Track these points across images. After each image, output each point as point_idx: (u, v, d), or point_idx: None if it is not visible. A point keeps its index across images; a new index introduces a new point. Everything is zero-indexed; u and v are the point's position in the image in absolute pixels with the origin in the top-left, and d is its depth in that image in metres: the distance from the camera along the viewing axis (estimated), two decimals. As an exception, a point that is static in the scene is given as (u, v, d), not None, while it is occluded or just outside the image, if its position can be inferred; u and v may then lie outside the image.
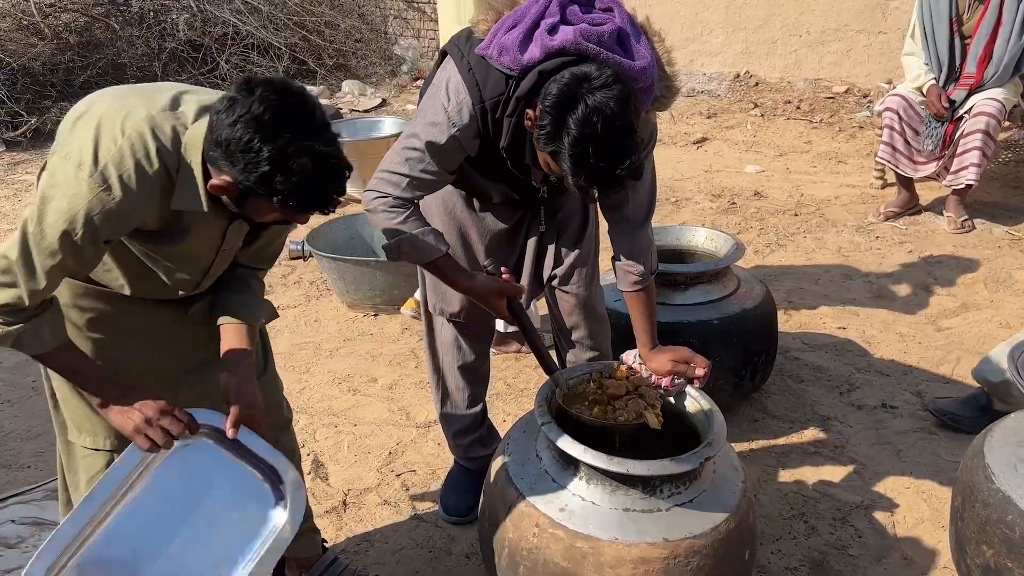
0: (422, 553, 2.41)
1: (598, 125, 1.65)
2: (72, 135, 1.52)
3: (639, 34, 1.86)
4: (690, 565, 1.78)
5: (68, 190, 1.46)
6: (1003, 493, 1.92)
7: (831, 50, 7.42)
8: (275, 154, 1.38)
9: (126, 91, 1.60)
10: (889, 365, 3.34)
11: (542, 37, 1.78)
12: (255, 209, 1.51)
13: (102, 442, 1.79)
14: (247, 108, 1.38)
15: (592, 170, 1.70)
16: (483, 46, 1.87)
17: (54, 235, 1.46)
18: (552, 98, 1.70)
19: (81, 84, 7.18)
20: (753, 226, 4.92)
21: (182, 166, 1.50)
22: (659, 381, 2.11)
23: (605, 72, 1.69)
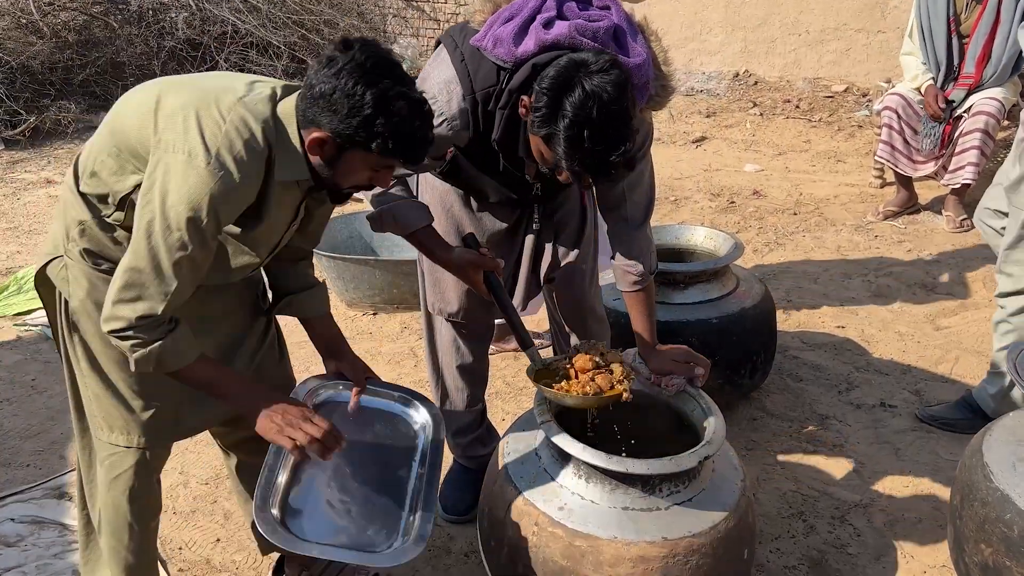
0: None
1: (594, 109, 1.64)
2: (165, 127, 1.52)
3: (636, 32, 1.86)
4: (689, 564, 1.78)
5: (186, 181, 1.48)
6: (1002, 492, 1.93)
7: (830, 49, 7.42)
8: (378, 97, 1.46)
9: (188, 80, 1.64)
10: (888, 364, 3.34)
11: (537, 31, 1.78)
12: (348, 165, 1.56)
13: (136, 440, 1.80)
14: (350, 59, 1.47)
15: (586, 154, 1.68)
16: (478, 37, 1.86)
17: (181, 227, 1.49)
18: (549, 80, 1.68)
19: (80, 83, 7.17)
20: (752, 225, 4.92)
21: (280, 139, 1.56)
22: (658, 381, 2.11)
23: (603, 58, 1.68)
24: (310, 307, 1.95)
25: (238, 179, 1.51)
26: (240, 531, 2.51)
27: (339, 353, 1.96)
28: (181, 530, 2.51)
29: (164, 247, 1.50)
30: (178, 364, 1.61)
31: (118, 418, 1.77)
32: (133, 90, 1.67)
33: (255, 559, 2.40)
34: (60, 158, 6.30)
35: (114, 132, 1.60)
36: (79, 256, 1.67)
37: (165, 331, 1.58)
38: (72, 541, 2.45)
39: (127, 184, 1.60)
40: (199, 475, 2.77)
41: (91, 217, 1.65)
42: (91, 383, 1.76)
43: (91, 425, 1.82)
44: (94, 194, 1.64)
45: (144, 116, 1.56)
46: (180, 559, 2.40)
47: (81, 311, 1.71)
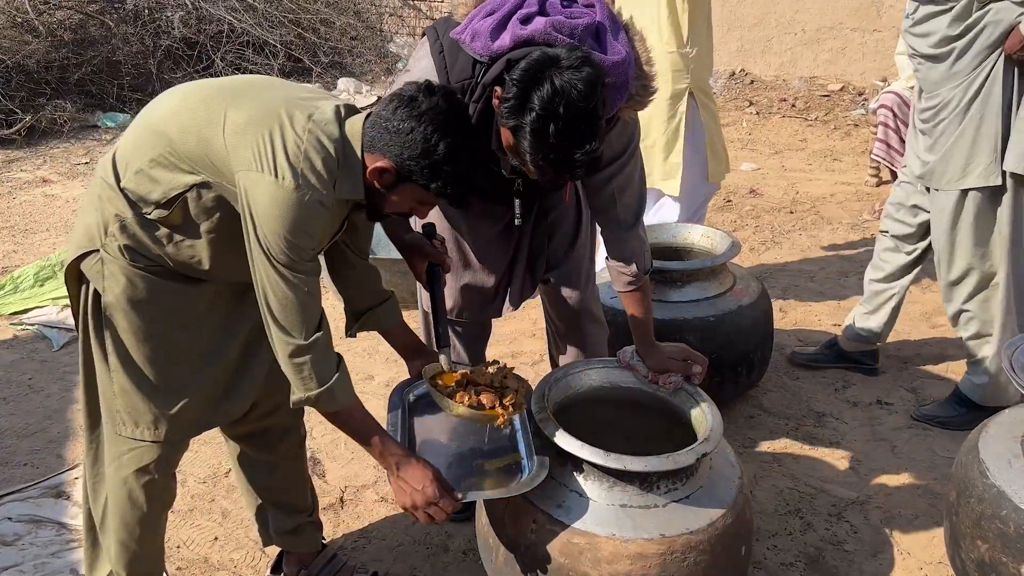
0: (419, 550, 2.41)
1: (561, 105, 1.62)
2: (238, 143, 1.57)
3: (618, 30, 1.84)
4: (687, 561, 1.79)
5: (275, 203, 1.54)
6: (998, 488, 1.93)
7: (826, 48, 7.44)
8: (450, 146, 1.57)
9: (244, 88, 1.67)
10: (884, 362, 3.35)
11: (514, 26, 1.77)
12: (400, 195, 1.65)
13: (162, 434, 1.82)
14: (433, 104, 1.58)
15: (551, 150, 1.67)
16: (458, 30, 1.86)
17: (283, 250, 1.57)
18: (520, 72, 1.67)
19: (76, 82, 7.16)
20: (749, 224, 4.93)
21: (346, 159, 1.62)
22: (656, 379, 2.11)
23: (575, 54, 1.66)
24: (389, 318, 2.03)
25: (321, 195, 1.58)
26: (238, 529, 2.51)
27: (422, 351, 2.08)
28: (179, 529, 2.51)
29: (277, 268, 1.59)
30: (347, 399, 1.72)
31: (146, 413, 1.79)
32: (179, 94, 1.70)
33: (253, 557, 2.40)
34: (56, 157, 6.29)
35: (165, 135, 1.62)
36: (118, 251, 1.69)
37: (337, 361, 1.70)
38: (70, 540, 2.45)
39: (178, 184, 1.63)
40: (197, 474, 2.77)
41: (132, 214, 1.67)
42: (119, 378, 1.77)
43: (110, 421, 1.82)
44: (137, 191, 1.66)
45: (208, 125, 1.60)
46: (178, 557, 2.40)
47: (116, 307, 1.72)
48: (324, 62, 8.36)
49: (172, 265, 1.72)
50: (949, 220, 2.75)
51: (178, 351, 1.80)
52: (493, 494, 1.87)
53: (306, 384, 1.65)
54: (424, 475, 1.73)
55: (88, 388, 1.87)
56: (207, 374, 1.83)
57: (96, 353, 1.78)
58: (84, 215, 1.74)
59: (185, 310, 1.78)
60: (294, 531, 2.19)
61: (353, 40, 8.83)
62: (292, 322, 1.62)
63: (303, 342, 1.63)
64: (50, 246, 4.70)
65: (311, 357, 1.64)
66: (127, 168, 1.66)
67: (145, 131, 1.66)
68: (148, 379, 1.78)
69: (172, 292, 1.75)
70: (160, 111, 1.67)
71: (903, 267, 3.05)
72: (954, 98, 2.65)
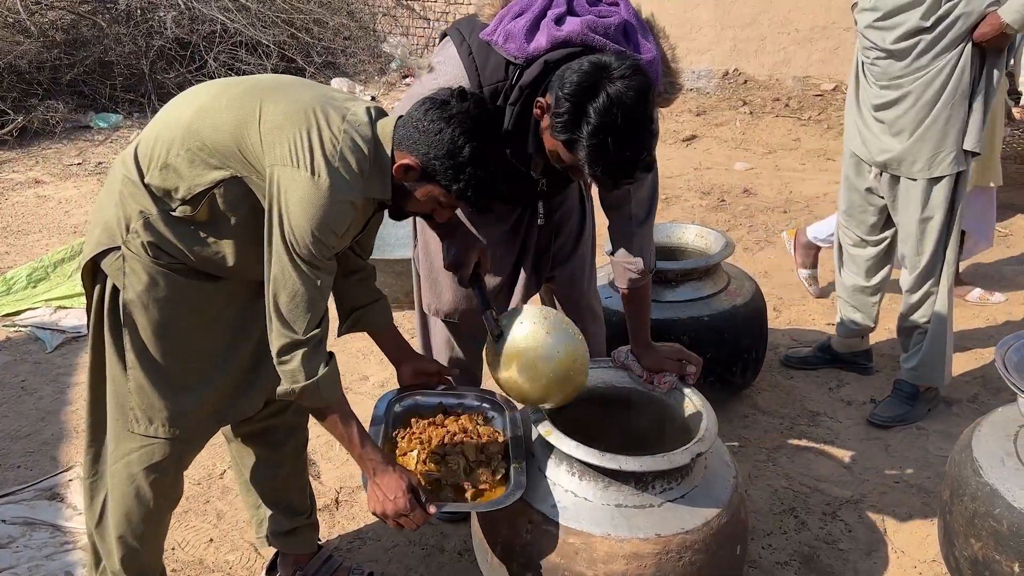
0: (415, 550, 2.41)
1: (619, 115, 1.64)
2: (274, 140, 1.59)
3: (645, 29, 1.86)
4: (682, 560, 1.79)
5: (309, 199, 1.57)
6: (991, 487, 1.94)
7: (819, 47, 7.45)
8: (476, 150, 1.61)
9: (275, 86, 1.69)
10: (878, 360, 3.36)
11: (549, 27, 1.78)
12: (422, 194, 1.67)
13: (176, 431, 1.82)
14: (464, 109, 1.62)
15: (611, 161, 1.68)
16: (488, 31, 1.86)
17: (308, 245, 1.59)
18: (572, 86, 1.67)
19: (68, 82, 7.13)
20: (742, 223, 4.94)
21: (377, 160, 1.66)
22: (651, 378, 2.12)
23: (626, 63, 1.67)
24: (378, 319, 2.03)
25: (353, 195, 1.62)
26: (233, 531, 2.51)
27: (411, 356, 2.10)
28: (173, 530, 2.50)
29: (296, 262, 1.60)
30: (333, 395, 1.71)
31: (162, 410, 1.79)
32: (210, 91, 1.71)
33: (248, 558, 2.40)
34: (48, 158, 6.27)
35: (196, 130, 1.63)
36: (140, 248, 1.69)
37: (328, 357, 1.70)
38: (65, 542, 2.45)
39: (206, 179, 1.64)
40: (191, 475, 2.76)
41: (157, 210, 1.68)
42: (136, 376, 1.77)
43: (121, 418, 1.82)
44: (162, 187, 1.66)
45: (244, 121, 1.62)
46: (173, 560, 2.39)
47: (136, 304, 1.72)
48: (317, 62, 8.35)
49: (195, 262, 1.73)
50: (919, 207, 2.79)
51: (195, 349, 1.81)
52: (464, 507, 1.90)
53: (294, 376, 1.66)
54: (399, 486, 1.72)
55: (94, 385, 1.86)
56: (223, 372, 1.85)
57: (110, 350, 1.78)
58: (103, 212, 1.75)
59: (204, 308, 1.79)
60: (291, 533, 2.19)
61: (346, 40, 8.82)
62: (296, 317, 1.63)
63: (301, 337, 1.64)
64: (43, 247, 4.69)
65: (304, 351, 1.65)
66: (151, 164, 1.67)
67: (171, 127, 1.67)
68: (165, 376, 1.79)
69: (192, 290, 1.76)
70: (189, 107, 1.68)
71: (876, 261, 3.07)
72: (915, 90, 2.69)
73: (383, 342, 2.07)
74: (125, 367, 1.78)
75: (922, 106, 2.70)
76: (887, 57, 2.73)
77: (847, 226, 3.08)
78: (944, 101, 2.66)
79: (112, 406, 1.83)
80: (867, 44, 2.79)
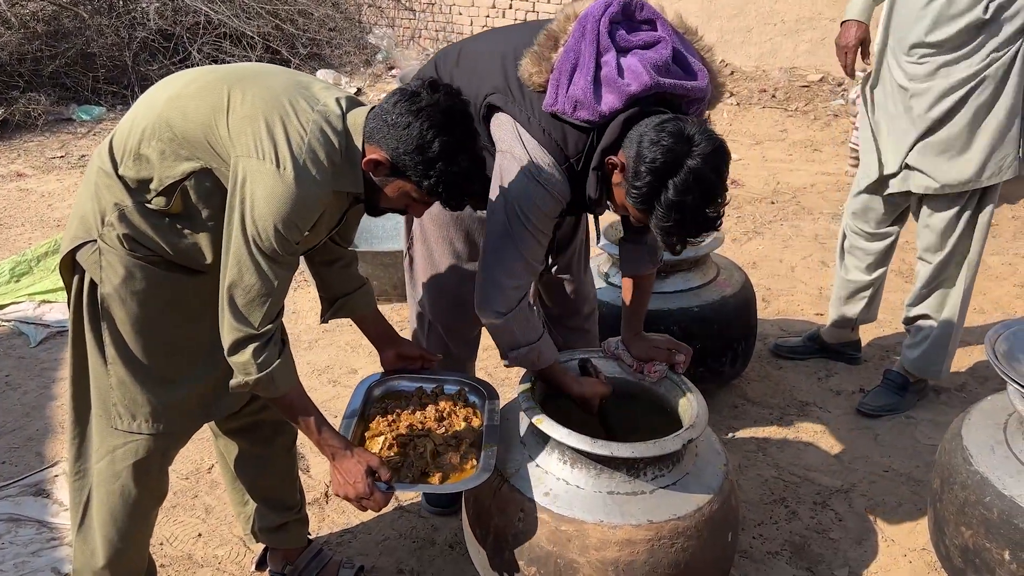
0: (405, 543, 2.40)
1: (698, 193, 1.62)
2: (241, 130, 1.56)
3: (686, 42, 1.84)
4: (674, 546, 1.79)
5: (274, 191, 1.53)
6: (981, 475, 1.95)
7: (805, 39, 7.47)
8: (446, 145, 1.55)
9: (249, 75, 1.65)
10: (866, 350, 3.37)
11: (616, 82, 1.72)
12: (393, 189, 1.64)
13: (160, 427, 1.80)
14: (434, 101, 1.56)
15: (684, 233, 1.68)
16: (550, 103, 1.79)
17: (270, 238, 1.55)
18: (653, 162, 1.63)
19: (50, 74, 7.05)
20: (730, 214, 4.94)
21: (348, 152, 1.62)
22: (641, 368, 2.12)
23: (707, 137, 1.64)
24: (362, 305, 2.02)
25: (320, 189, 1.58)
26: (222, 525, 2.49)
27: (395, 340, 2.10)
28: (161, 526, 2.48)
29: (255, 256, 1.57)
30: (288, 385, 1.69)
31: (144, 405, 1.77)
32: (183, 80, 1.68)
33: (237, 553, 2.38)
34: (30, 151, 6.20)
35: (166, 120, 1.60)
36: (116, 241, 1.66)
37: (280, 349, 1.67)
38: (51, 538, 2.42)
39: (177, 171, 1.60)
40: (179, 470, 2.74)
41: (132, 202, 1.65)
42: (117, 371, 1.75)
43: (104, 415, 1.79)
44: (136, 178, 1.63)
45: (212, 111, 1.58)
46: (161, 555, 2.37)
47: (114, 298, 1.69)
48: (302, 54, 8.29)
49: (172, 255, 1.70)
50: (957, 223, 2.71)
51: (177, 343, 1.78)
52: (425, 487, 1.89)
53: (246, 369, 1.63)
54: (358, 470, 1.72)
55: (76, 381, 1.83)
56: (206, 367, 1.81)
57: (91, 345, 1.75)
58: (80, 205, 1.72)
59: (183, 302, 1.76)
60: (280, 528, 2.17)
61: (332, 31, 8.76)
62: (252, 311, 1.60)
63: (255, 331, 1.61)
64: (25, 241, 4.63)
65: (256, 345, 1.62)
66: (125, 155, 1.64)
67: (144, 117, 1.64)
68: (147, 371, 1.76)
69: (171, 283, 1.73)
70: (160, 97, 1.65)
71: (880, 257, 3.05)
72: (975, 92, 2.56)
73: (366, 327, 2.06)
74: (106, 362, 1.75)
75: (979, 110, 2.57)
76: (945, 54, 2.56)
77: (856, 224, 3.01)
78: (1003, 102, 2.56)
79: (95, 402, 1.80)
80: (926, 50, 2.60)
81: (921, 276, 2.86)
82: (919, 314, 2.90)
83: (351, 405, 2.00)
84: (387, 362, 2.10)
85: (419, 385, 2.11)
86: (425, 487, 1.88)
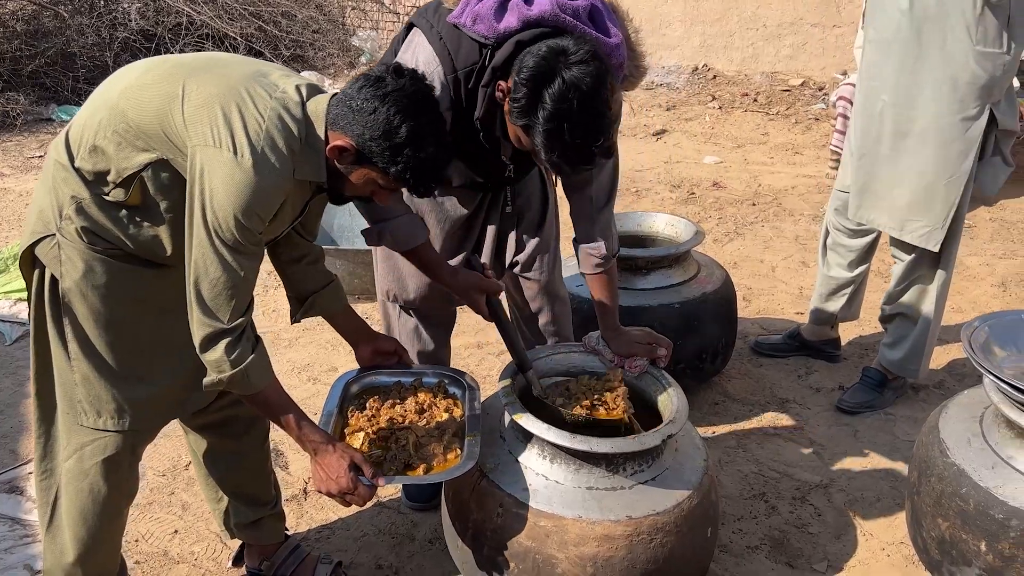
0: (384, 539, 2.39)
1: (574, 101, 1.62)
2: (197, 119, 1.53)
3: (611, 13, 1.85)
4: (653, 542, 1.79)
5: (232, 179, 1.50)
6: (957, 467, 1.96)
7: (787, 44, 7.52)
8: (413, 131, 1.53)
9: (205, 65, 1.62)
10: (846, 348, 3.39)
11: (519, 6, 1.75)
12: (359, 176, 1.61)
13: (126, 423, 1.77)
14: (400, 87, 1.54)
15: (566, 147, 1.67)
16: (455, 15, 1.83)
17: (231, 228, 1.52)
18: (528, 71, 1.66)
19: (29, 74, 6.99)
20: (712, 215, 4.96)
21: (308, 140, 1.59)
22: (621, 362, 2.11)
23: (583, 48, 1.66)
24: (331, 302, 1.99)
25: (281, 177, 1.55)
26: (198, 522, 2.46)
27: (370, 336, 2.06)
28: (138, 522, 2.45)
29: (218, 248, 1.53)
30: (263, 381, 1.66)
31: (110, 401, 1.74)
32: (137, 69, 1.65)
33: (214, 549, 2.35)
34: (8, 150, 6.14)
35: (121, 111, 1.58)
36: (75, 235, 1.63)
37: (254, 344, 1.64)
38: (24, 535, 2.39)
39: (134, 162, 1.58)
40: (156, 467, 2.71)
41: (89, 195, 1.62)
42: (81, 367, 1.71)
43: (70, 412, 1.76)
44: (93, 171, 1.61)
45: (167, 100, 1.55)
46: (136, 551, 2.35)
47: (74, 292, 1.66)
48: (285, 55, 8.26)
49: (132, 248, 1.67)
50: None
51: (141, 338, 1.75)
52: (410, 479, 1.85)
53: (219, 366, 1.60)
54: (340, 465, 1.69)
55: (40, 378, 1.80)
56: (175, 364, 1.78)
57: (54, 341, 1.72)
58: (38, 200, 1.69)
59: (147, 296, 1.73)
60: (256, 524, 2.14)
61: (315, 34, 8.73)
62: (220, 304, 1.57)
63: (225, 326, 1.58)
64: (2, 240, 4.58)
65: (228, 340, 1.59)
66: (81, 147, 1.61)
67: (100, 108, 1.61)
68: (111, 367, 1.73)
69: (133, 277, 1.70)
70: (115, 88, 1.62)
71: (862, 254, 3.07)
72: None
73: (338, 323, 2.03)
74: (69, 358, 1.72)
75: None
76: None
77: (838, 219, 3.03)
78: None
79: (60, 399, 1.77)
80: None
81: (895, 274, 2.88)
82: (895, 312, 2.92)
83: (328, 403, 1.98)
84: (363, 358, 2.07)
85: (397, 379, 2.09)
86: (409, 478, 1.85)
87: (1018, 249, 4.41)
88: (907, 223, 2.73)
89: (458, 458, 1.83)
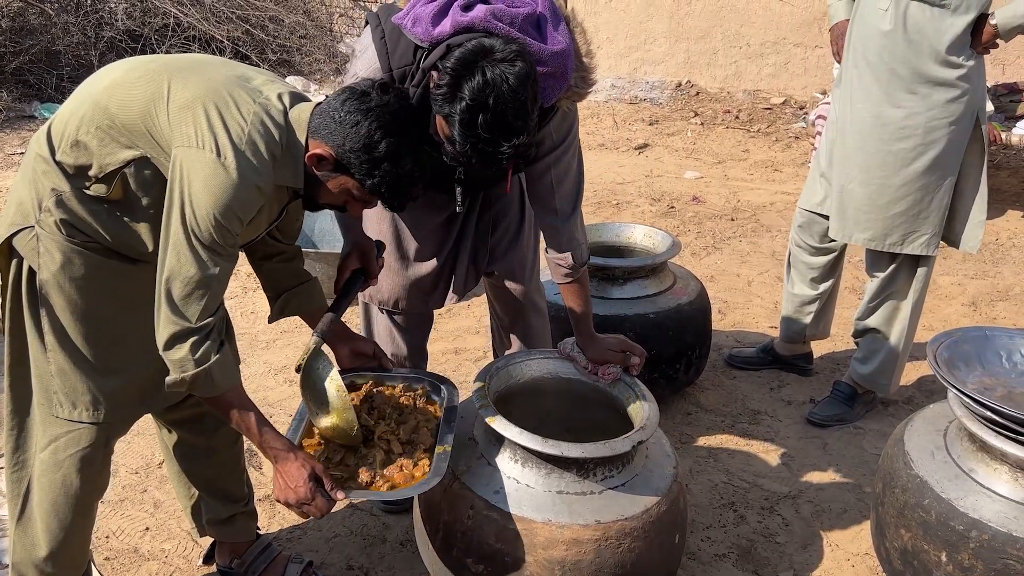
0: (356, 540, 2.40)
1: (491, 97, 1.63)
2: (180, 120, 1.55)
3: (559, 21, 1.85)
4: (621, 546, 1.81)
5: (214, 180, 1.52)
6: (920, 478, 2.00)
7: (769, 62, 7.62)
8: (392, 146, 1.56)
9: (189, 65, 1.64)
10: (818, 363, 3.43)
11: (455, 13, 1.78)
12: (335, 185, 1.63)
13: (101, 415, 1.77)
14: (383, 102, 1.57)
15: (479, 141, 1.67)
16: (400, 15, 1.86)
17: (210, 229, 1.53)
18: (453, 60, 1.67)
19: (12, 71, 6.96)
20: (691, 229, 5.02)
21: (289, 146, 1.61)
22: (595, 370, 2.14)
23: (510, 47, 1.67)
24: (309, 300, 1.99)
25: (261, 180, 1.57)
26: (170, 520, 2.46)
27: (349, 337, 2.07)
28: (109, 519, 2.45)
29: (195, 246, 1.55)
30: (227, 382, 1.66)
31: (85, 394, 1.74)
32: (122, 67, 1.66)
33: (185, 547, 2.35)
34: (-10, 147, 6.11)
35: (105, 107, 1.59)
36: (54, 227, 1.64)
37: (219, 344, 1.63)
38: (-7, 530, 2.38)
39: (117, 158, 1.59)
40: (129, 464, 2.71)
41: (70, 188, 1.63)
42: (57, 359, 1.72)
43: (46, 403, 1.76)
44: (74, 165, 1.62)
45: (151, 100, 1.57)
46: (107, 548, 2.34)
47: (52, 284, 1.67)
48: (272, 60, 8.26)
49: (111, 242, 1.68)
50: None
51: (118, 331, 1.76)
52: (371, 494, 1.82)
53: (182, 365, 1.59)
54: (300, 474, 1.69)
55: (14, 371, 1.80)
56: (147, 357, 1.77)
57: (31, 333, 1.73)
58: (17, 191, 1.70)
59: (125, 290, 1.74)
60: (228, 521, 2.15)
61: (302, 39, 8.74)
62: (189, 303, 1.57)
63: (192, 325, 1.58)
64: (-20, 235, 4.55)
65: (194, 340, 1.59)
66: (63, 140, 1.62)
67: (84, 103, 1.62)
68: (87, 359, 1.73)
69: (111, 270, 1.71)
70: (100, 84, 1.64)
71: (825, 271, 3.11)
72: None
73: (315, 324, 2.01)
74: (46, 349, 1.72)
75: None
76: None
77: (801, 236, 3.09)
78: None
79: (36, 390, 1.77)
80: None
81: (869, 290, 2.93)
82: (867, 327, 2.96)
83: (303, 405, 1.98)
84: (342, 360, 2.07)
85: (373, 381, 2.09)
86: (370, 493, 1.82)
87: (989, 269, 4.49)
88: (907, 236, 2.76)
89: (424, 475, 1.81)
